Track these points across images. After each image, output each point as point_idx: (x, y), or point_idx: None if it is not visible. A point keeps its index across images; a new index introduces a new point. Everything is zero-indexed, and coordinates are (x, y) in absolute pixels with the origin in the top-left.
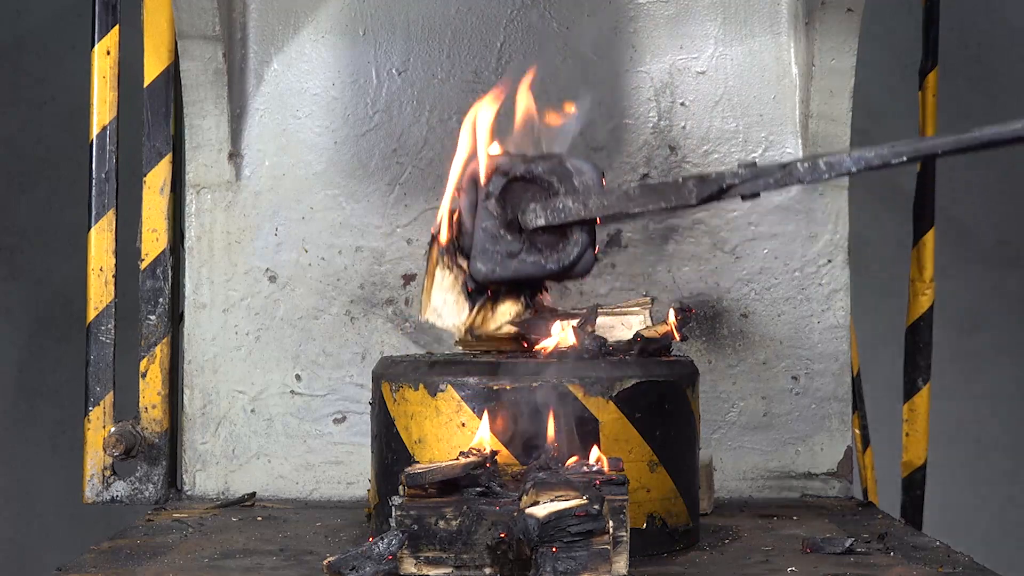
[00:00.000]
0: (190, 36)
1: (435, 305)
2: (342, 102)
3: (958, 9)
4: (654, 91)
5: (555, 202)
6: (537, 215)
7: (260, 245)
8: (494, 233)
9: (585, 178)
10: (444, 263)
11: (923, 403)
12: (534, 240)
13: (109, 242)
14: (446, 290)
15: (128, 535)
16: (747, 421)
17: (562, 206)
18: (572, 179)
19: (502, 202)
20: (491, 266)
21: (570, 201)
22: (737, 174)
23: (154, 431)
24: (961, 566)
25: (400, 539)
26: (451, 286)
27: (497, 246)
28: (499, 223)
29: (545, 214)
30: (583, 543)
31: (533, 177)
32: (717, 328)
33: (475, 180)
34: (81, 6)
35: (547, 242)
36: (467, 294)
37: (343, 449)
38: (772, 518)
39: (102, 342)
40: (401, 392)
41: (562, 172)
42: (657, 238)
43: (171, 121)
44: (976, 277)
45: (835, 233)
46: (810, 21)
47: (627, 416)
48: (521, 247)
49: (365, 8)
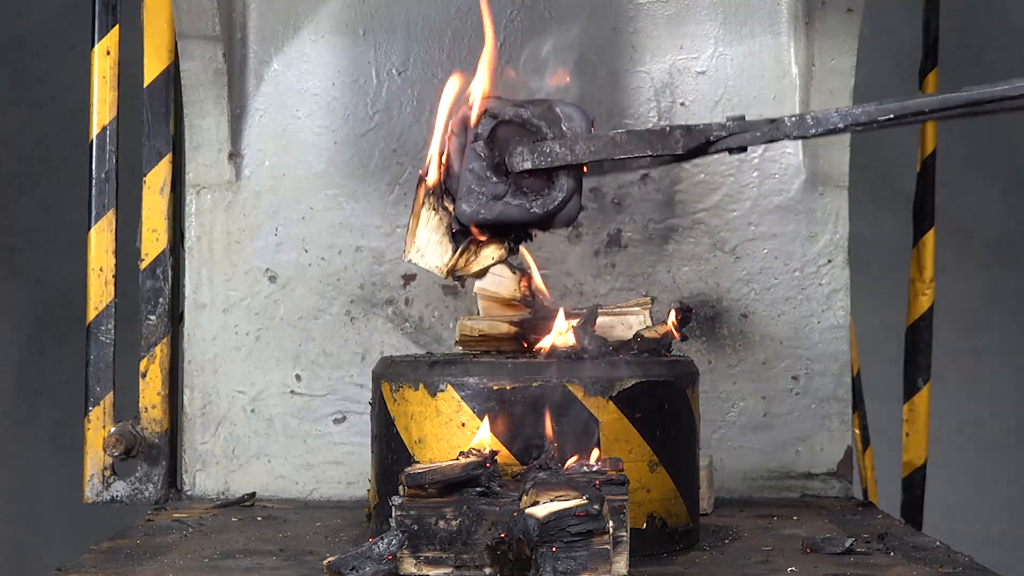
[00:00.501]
0: (190, 36)
1: (419, 245)
2: (342, 102)
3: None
4: (654, 91)
5: (543, 146)
6: (524, 158)
7: (260, 245)
8: (480, 175)
9: (574, 124)
10: (430, 204)
11: (923, 403)
12: (520, 183)
13: (109, 242)
14: (431, 230)
15: (128, 535)
16: (747, 421)
17: (549, 150)
18: (561, 124)
19: (490, 144)
20: (476, 207)
21: (557, 146)
22: (724, 126)
23: (154, 431)
24: (961, 566)
25: (400, 539)
26: (436, 227)
27: (483, 188)
28: (486, 165)
29: (532, 157)
30: (583, 543)
31: (522, 121)
32: (717, 328)
33: (465, 124)
34: (81, 6)
35: (533, 186)
36: (451, 235)
37: (343, 449)
38: (772, 518)
39: (102, 342)
40: (401, 392)
41: (551, 117)
42: (657, 238)
43: (171, 121)
44: (976, 277)
45: (835, 233)
46: (810, 21)
47: (627, 416)
48: (507, 190)
49: (365, 8)
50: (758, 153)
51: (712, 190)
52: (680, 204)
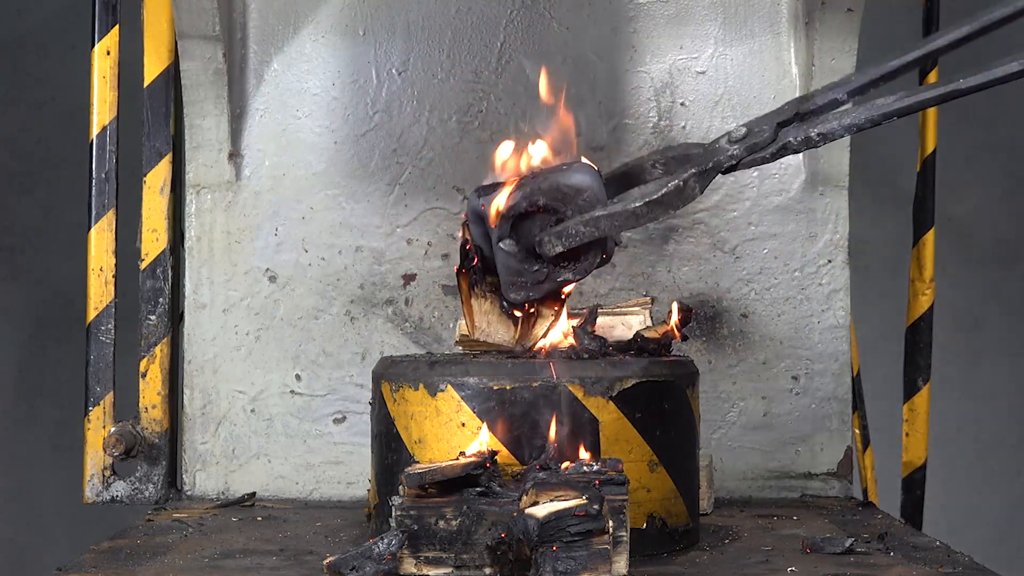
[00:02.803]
0: (190, 36)
1: (481, 328)
2: (342, 102)
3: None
4: (654, 91)
5: (567, 228)
6: (553, 245)
7: (260, 245)
8: (517, 268)
9: (587, 195)
10: (477, 293)
11: (923, 403)
12: (556, 261)
13: (109, 242)
14: (486, 313)
15: (128, 535)
16: (747, 421)
17: (575, 231)
18: (576, 200)
19: (515, 237)
20: (525, 293)
21: (581, 226)
22: (733, 155)
23: (154, 431)
24: (961, 566)
25: (400, 539)
26: (490, 309)
27: (523, 277)
28: (518, 258)
29: (561, 241)
30: (583, 543)
31: (537, 209)
32: (717, 328)
33: (478, 214)
34: (81, 6)
35: (568, 257)
36: (509, 315)
37: (343, 449)
38: (772, 518)
39: (102, 342)
40: (401, 392)
41: (563, 196)
42: (657, 238)
43: (171, 121)
44: (976, 277)
45: (835, 233)
46: (810, 21)
47: (627, 416)
48: (547, 272)
49: (365, 8)
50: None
51: (712, 190)
52: None
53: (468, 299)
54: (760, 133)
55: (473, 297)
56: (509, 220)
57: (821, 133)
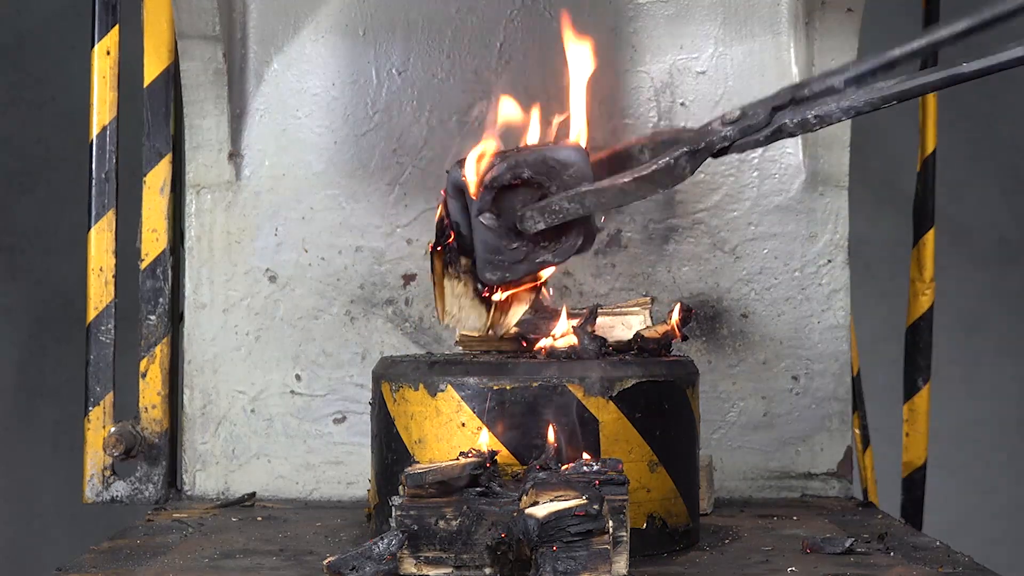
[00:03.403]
0: (190, 36)
1: (452, 312)
2: (342, 102)
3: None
4: (654, 91)
5: (551, 204)
6: (536, 220)
7: (260, 245)
8: (495, 244)
9: (573, 171)
10: (451, 273)
11: (923, 403)
12: (536, 239)
13: (109, 242)
14: (459, 296)
15: (128, 535)
16: (747, 421)
17: (558, 207)
18: (562, 175)
19: (495, 211)
20: (500, 274)
21: (565, 202)
22: (726, 137)
23: (154, 431)
24: (961, 566)
25: (400, 539)
26: (463, 292)
27: (501, 255)
28: (498, 234)
29: (544, 218)
30: (583, 543)
31: (522, 181)
32: (717, 328)
33: (458, 187)
34: (81, 6)
35: (549, 237)
36: (481, 299)
37: (343, 449)
38: (772, 518)
39: (102, 342)
40: (401, 392)
41: (549, 169)
42: (657, 238)
43: (171, 121)
44: (976, 277)
45: (835, 233)
46: (810, 21)
47: (627, 416)
48: (526, 251)
49: (365, 8)
50: (758, 153)
51: (712, 190)
52: (680, 204)
53: (441, 280)
54: (755, 116)
55: (446, 278)
56: (492, 192)
57: (819, 116)
